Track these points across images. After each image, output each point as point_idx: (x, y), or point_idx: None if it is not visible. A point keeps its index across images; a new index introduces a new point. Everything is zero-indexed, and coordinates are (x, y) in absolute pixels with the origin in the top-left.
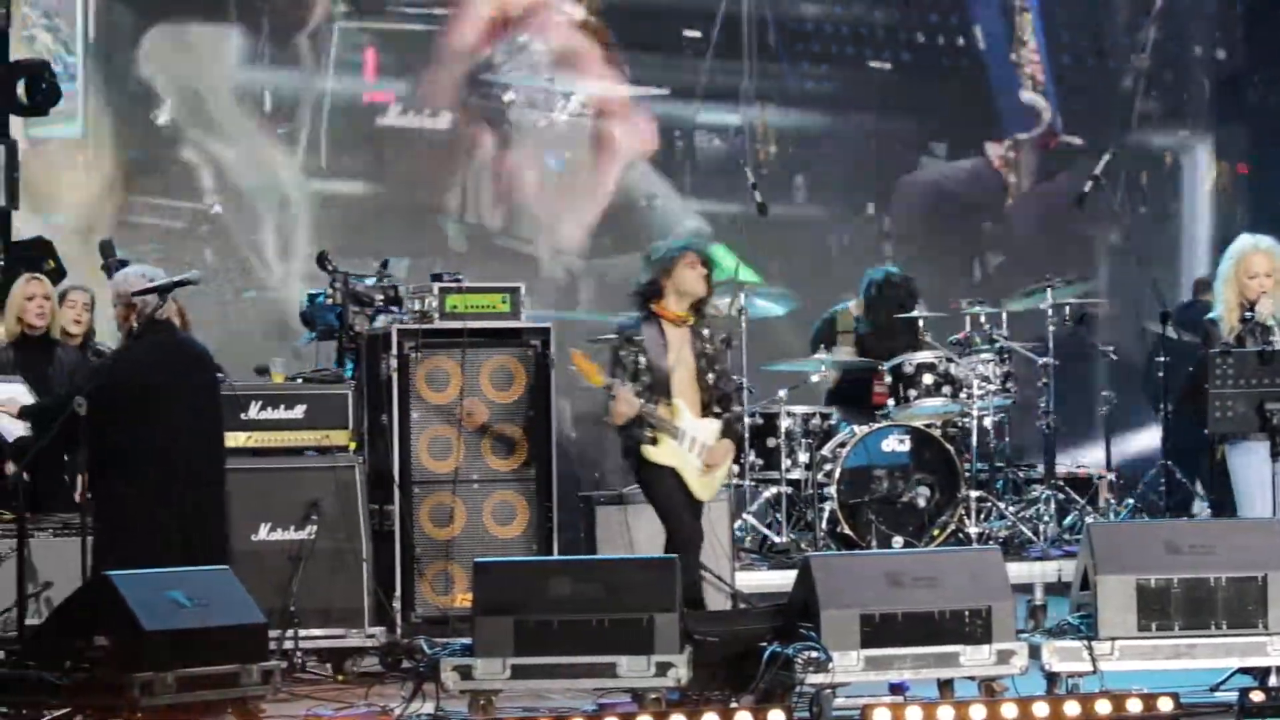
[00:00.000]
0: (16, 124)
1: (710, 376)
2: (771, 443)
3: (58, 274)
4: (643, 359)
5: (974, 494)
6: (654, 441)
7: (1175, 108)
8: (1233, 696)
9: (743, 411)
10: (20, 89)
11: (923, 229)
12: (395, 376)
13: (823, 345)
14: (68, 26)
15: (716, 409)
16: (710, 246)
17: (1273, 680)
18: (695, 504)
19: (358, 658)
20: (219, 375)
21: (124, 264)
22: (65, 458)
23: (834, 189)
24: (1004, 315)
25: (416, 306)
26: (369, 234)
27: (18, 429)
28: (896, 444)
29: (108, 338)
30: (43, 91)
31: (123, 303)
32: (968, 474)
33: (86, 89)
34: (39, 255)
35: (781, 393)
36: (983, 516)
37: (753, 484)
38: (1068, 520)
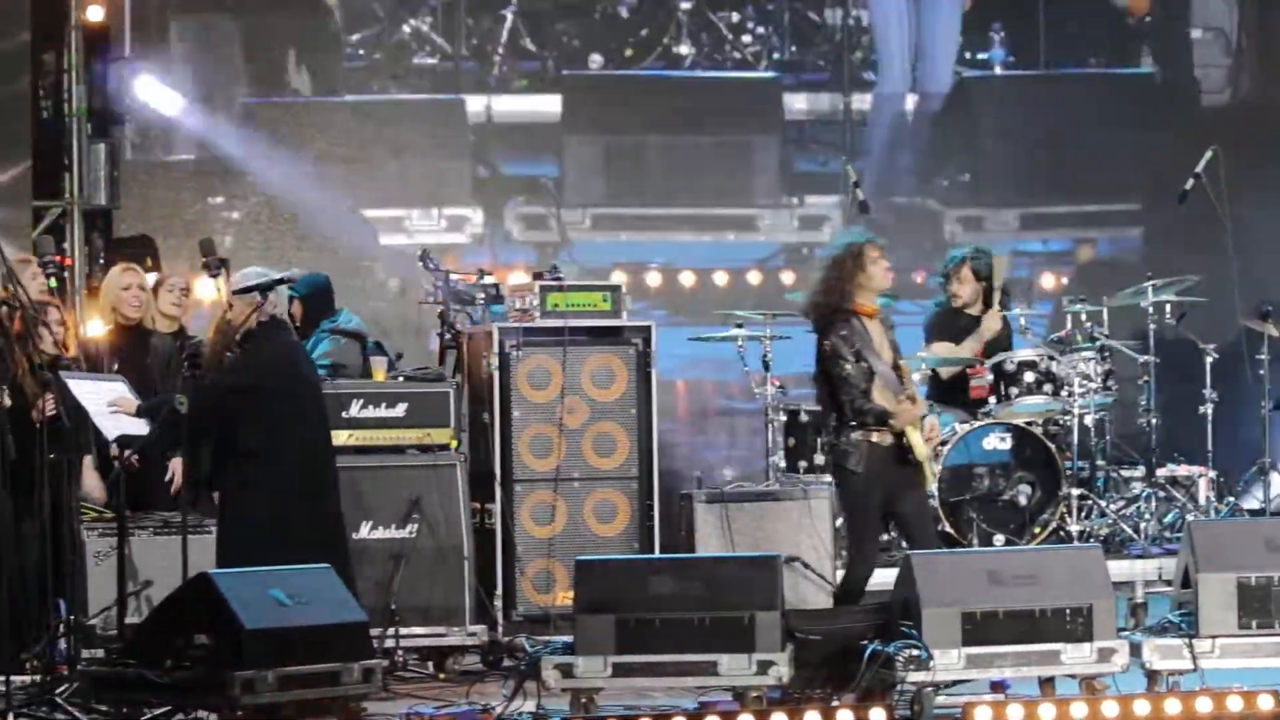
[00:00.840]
0: None
1: (901, 363)
2: None
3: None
4: (865, 358)
5: (1075, 492)
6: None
7: None
8: None
9: None
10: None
11: None
12: (497, 375)
13: (932, 334)
14: None
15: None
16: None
17: None
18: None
19: (459, 656)
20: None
21: (224, 262)
22: (166, 456)
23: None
24: (1105, 313)
25: (518, 305)
26: None
27: (125, 427)
28: (998, 442)
29: (198, 333)
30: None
31: (246, 298)
32: (1069, 472)
33: None
34: (140, 252)
35: None
36: (1083, 514)
37: None
38: (1168, 518)
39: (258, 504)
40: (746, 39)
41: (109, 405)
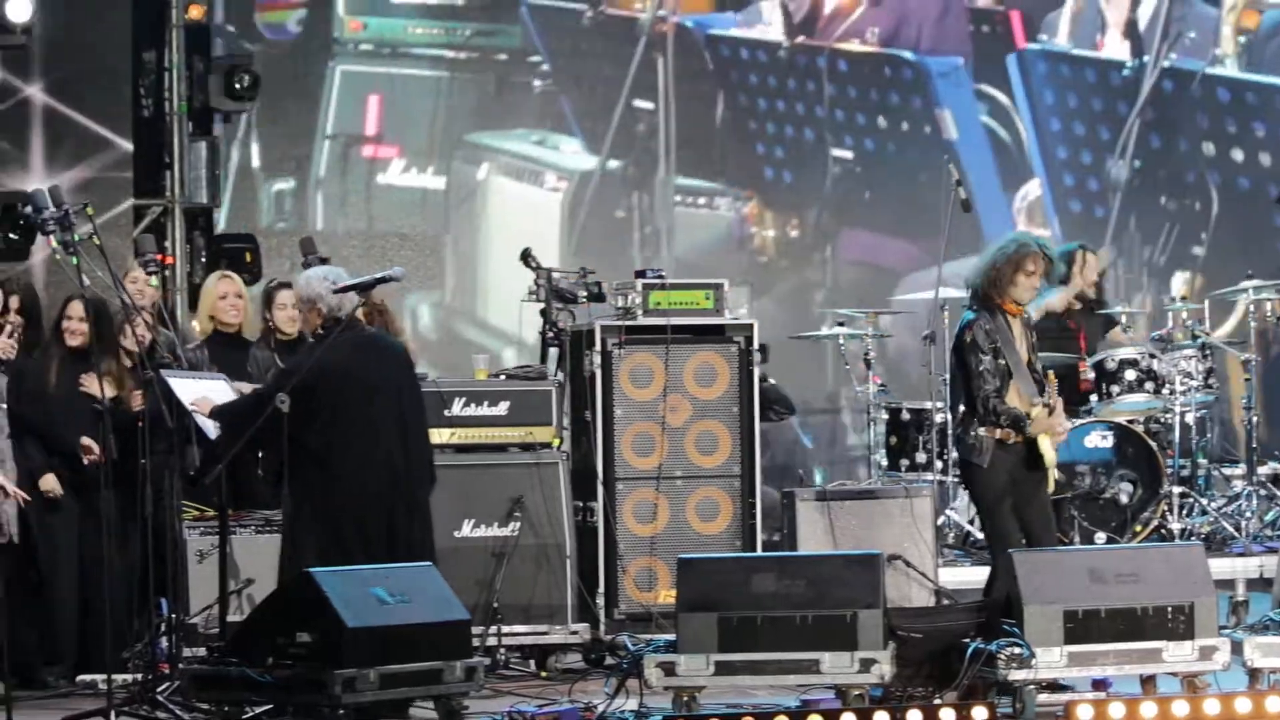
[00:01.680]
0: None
1: (1038, 365)
2: None
3: (254, 270)
4: (1003, 355)
5: (1176, 490)
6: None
7: None
8: None
9: None
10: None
11: None
12: (599, 373)
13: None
14: None
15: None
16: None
17: None
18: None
19: (561, 654)
20: (419, 373)
21: (324, 261)
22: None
23: None
24: (1206, 311)
25: (620, 303)
26: None
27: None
28: (1099, 440)
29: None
30: (244, 85)
31: (309, 303)
32: (1170, 470)
33: None
34: (240, 248)
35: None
36: (1185, 512)
37: (956, 479)
38: (1270, 516)
39: (311, 507)
40: None
41: (190, 405)
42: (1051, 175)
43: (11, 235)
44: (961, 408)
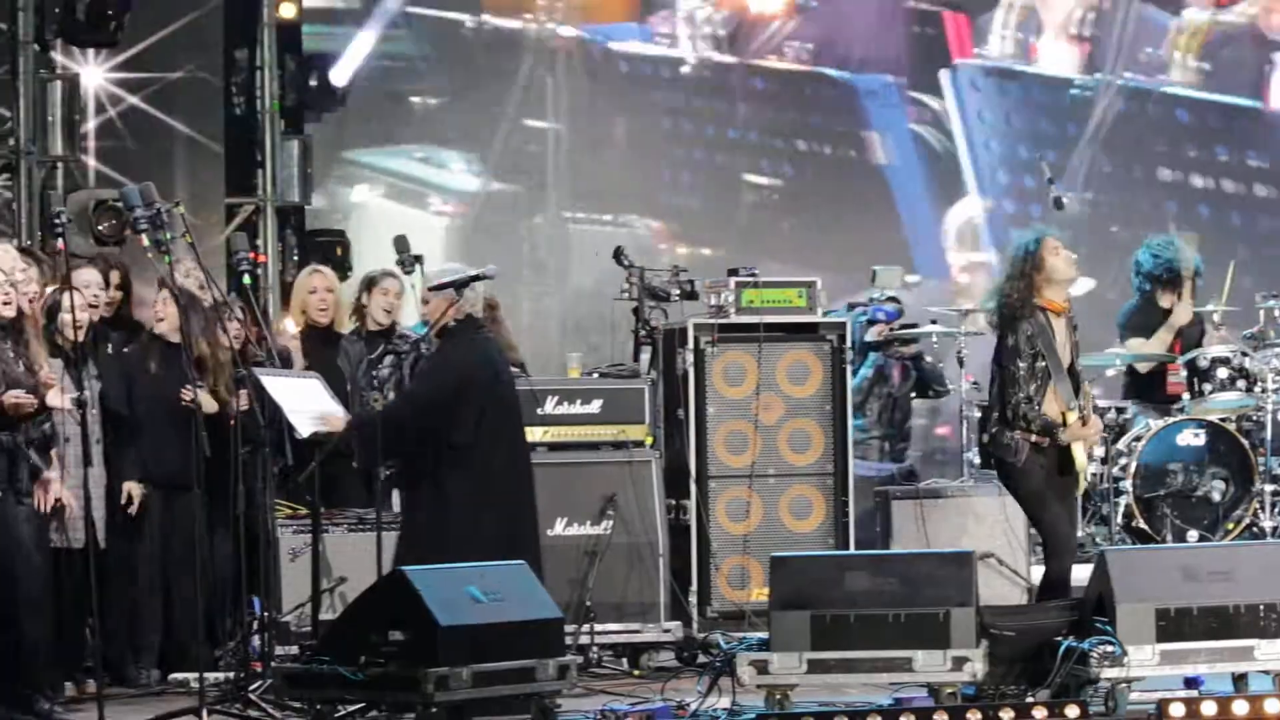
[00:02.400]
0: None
1: (1079, 367)
2: None
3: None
4: (1042, 358)
5: (1269, 488)
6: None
7: None
8: None
9: None
10: (312, 82)
11: None
12: (692, 371)
13: (1127, 329)
14: None
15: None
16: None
17: None
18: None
19: (653, 652)
20: (516, 371)
21: (418, 259)
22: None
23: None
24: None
25: (713, 301)
26: None
27: (319, 425)
28: (1191, 438)
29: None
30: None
31: (441, 297)
32: (1262, 468)
33: None
34: (332, 242)
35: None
36: (1276, 510)
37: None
38: None
39: (438, 506)
40: None
41: (317, 420)
42: (992, 197)
43: (103, 233)
44: (995, 414)
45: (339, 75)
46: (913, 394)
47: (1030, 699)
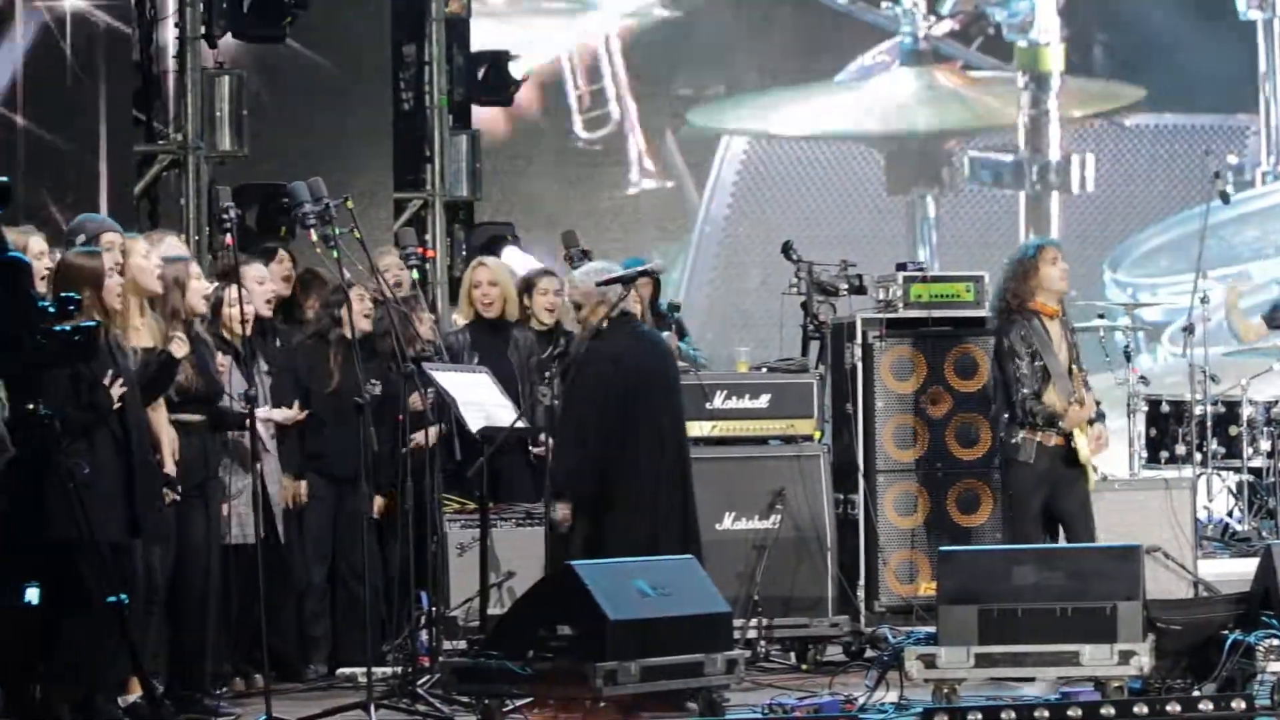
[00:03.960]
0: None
1: (1077, 366)
2: (1233, 431)
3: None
4: (1041, 357)
5: None
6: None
7: None
8: None
9: None
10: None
11: None
12: (860, 365)
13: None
14: None
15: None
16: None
17: None
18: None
19: (821, 647)
20: (681, 365)
21: (586, 254)
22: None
23: None
24: None
25: (880, 296)
26: None
27: (491, 419)
28: None
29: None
30: (503, 80)
31: (590, 296)
32: None
33: None
34: (501, 231)
35: (1243, 380)
36: None
37: (1214, 472)
38: None
39: (615, 502)
40: None
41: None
42: None
43: (270, 228)
44: (1004, 415)
45: (517, 69)
46: None
47: (1196, 692)
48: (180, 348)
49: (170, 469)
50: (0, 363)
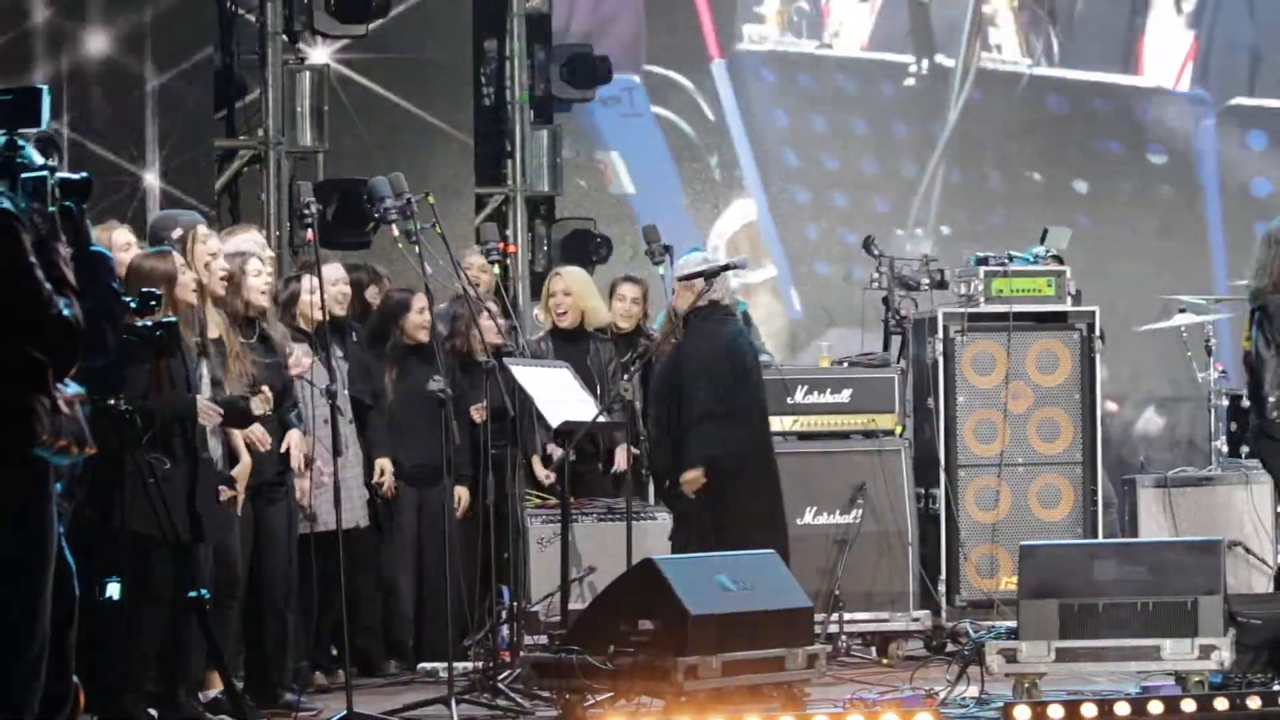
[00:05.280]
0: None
1: None
2: None
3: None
4: None
5: None
6: None
7: None
8: None
9: None
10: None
11: None
12: (941, 360)
13: None
14: None
15: None
16: None
17: None
18: None
19: (902, 641)
20: (766, 359)
21: (668, 249)
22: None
23: None
24: None
25: (962, 290)
26: None
27: (571, 413)
28: None
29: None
30: (587, 75)
31: (681, 288)
32: None
33: None
34: (581, 239)
35: None
36: None
37: None
38: None
39: (743, 475)
40: None
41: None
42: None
43: (350, 223)
44: (1255, 408)
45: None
46: None
47: (1277, 687)
48: (261, 406)
49: (246, 463)
50: (84, 357)
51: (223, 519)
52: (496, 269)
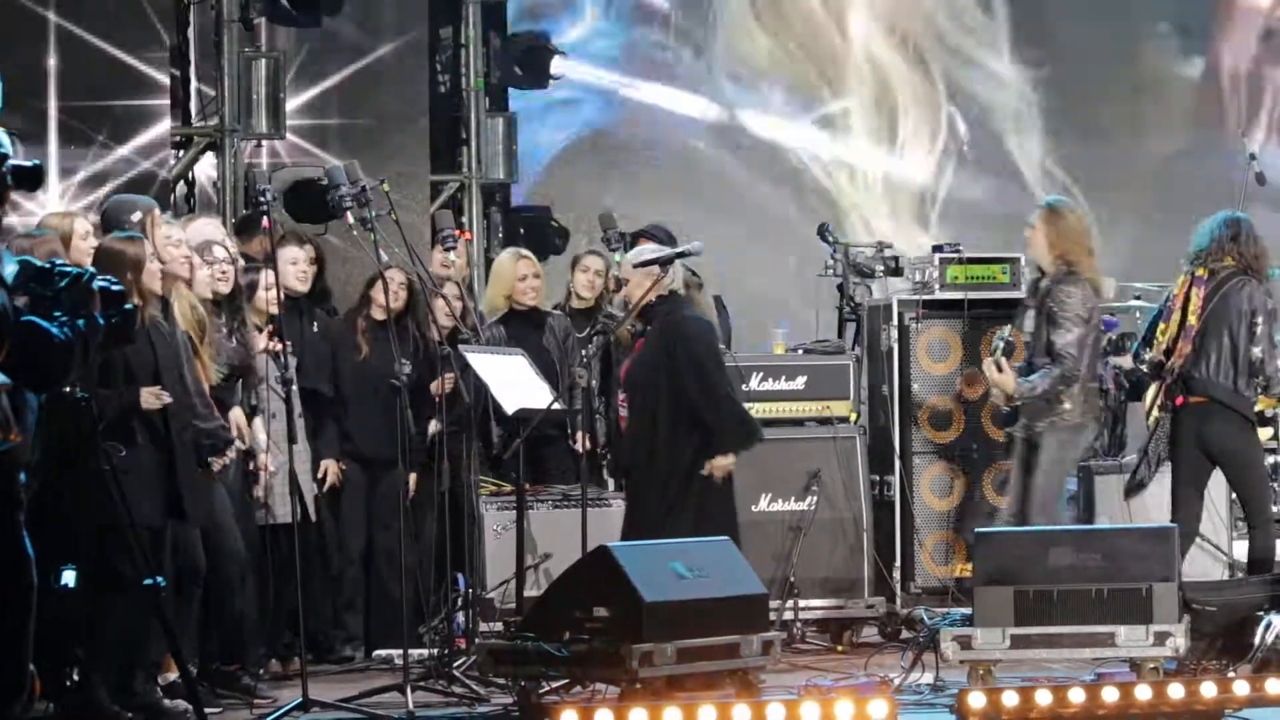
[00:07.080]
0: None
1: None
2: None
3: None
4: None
5: None
6: None
7: None
8: None
9: None
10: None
11: None
12: (896, 347)
13: None
14: None
15: None
16: None
17: None
18: None
19: (857, 628)
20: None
21: (624, 236)
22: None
23: None
24: None
25: (917, 277)
26: None
27: (525, 400)
28: None
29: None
30: (539, 66)
31: (643, 274)
32: None
33: None
34: (536, 225)
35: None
36: None
37: None
38: None
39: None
40: None
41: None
42: None
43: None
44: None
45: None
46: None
47: (1231, 674)
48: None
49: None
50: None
51: (216, 498)
52: (453, 255)
